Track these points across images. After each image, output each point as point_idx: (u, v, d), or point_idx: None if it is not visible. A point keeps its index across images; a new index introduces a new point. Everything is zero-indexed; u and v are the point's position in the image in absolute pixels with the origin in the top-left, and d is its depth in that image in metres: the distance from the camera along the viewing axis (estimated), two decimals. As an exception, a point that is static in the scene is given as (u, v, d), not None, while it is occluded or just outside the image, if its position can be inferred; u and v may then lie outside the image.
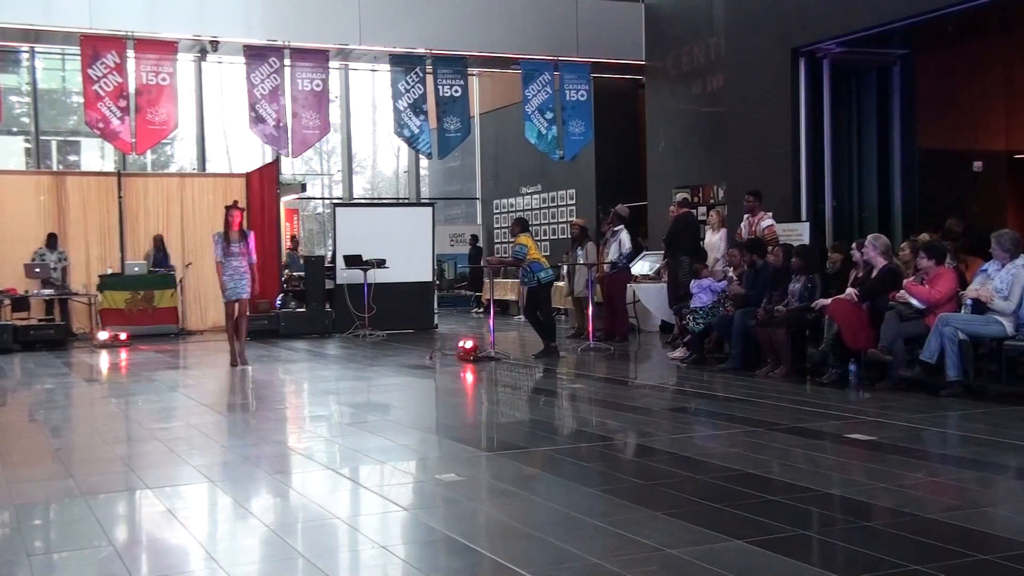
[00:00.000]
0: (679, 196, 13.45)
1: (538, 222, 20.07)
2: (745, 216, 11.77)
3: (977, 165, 14.10)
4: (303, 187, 24.28)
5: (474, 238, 21.36)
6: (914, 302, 8.06)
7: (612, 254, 13.09)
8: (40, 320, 14.83)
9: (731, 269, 10.71)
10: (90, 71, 14.55)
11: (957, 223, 10.07)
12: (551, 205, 20.28)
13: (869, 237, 8.97)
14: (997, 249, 7.76)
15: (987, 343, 7.67)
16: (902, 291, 8.16)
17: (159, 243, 16.03)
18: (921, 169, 13.07)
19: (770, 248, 10.32)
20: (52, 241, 15.24)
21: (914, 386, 7.97)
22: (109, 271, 15.53)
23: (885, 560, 3.72)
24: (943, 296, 7.99)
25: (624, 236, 13.09)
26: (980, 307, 7.79)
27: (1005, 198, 14.14)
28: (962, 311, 7.91)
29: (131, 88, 14.88)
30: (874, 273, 8.61)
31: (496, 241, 21.71)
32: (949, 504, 4.73)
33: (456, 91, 16.52)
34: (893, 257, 8.85)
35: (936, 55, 13.23)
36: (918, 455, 5.87)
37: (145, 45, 14.85)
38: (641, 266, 15.07)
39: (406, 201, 24.45)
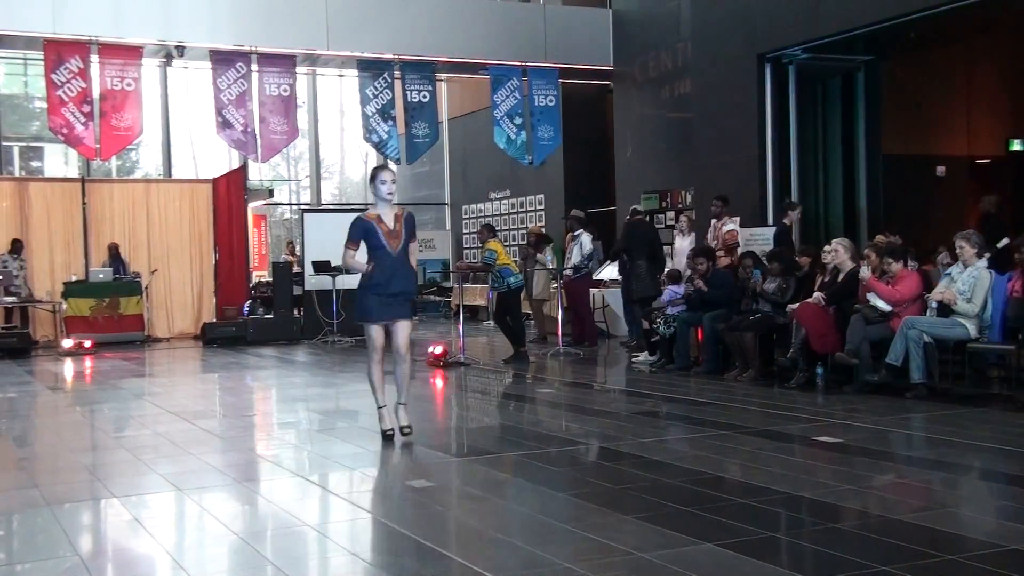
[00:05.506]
0: (632, 208, 13.28)
1: (507, 227, 20.07)
2: (712, 221, 11.86)
3: (940, 170, 14.31)
4: (271, 193, 24.07)
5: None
6: (880, 303, 8.12)
7: (574, 258, 13.09)
8: (2, 328, 14.61)
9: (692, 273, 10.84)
10: (53, 76, 14.35)
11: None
12: (520, 210, 20.29)
13: (836, 240, 9.03)
14: (964, 247, 7.83)
15: (951, 346, 7.77)
16: (866, 283, 8.21)
17: (114, 252, 15.78)
18: (885, 174, 13.24)
19: (721, 253, 10.52)
20: (16, 247, 15.01)
21: (880, 389, 8.04)
22: (73, 278, 15.33)
23: (853, 561, 3.75)
24: (904, 296, 8.06)
25: (585, 238, 13.08)
26: (945, 310, 7.88)
27: (967, 202, 14.34)
28: (927, 314, 8.00)
29: (95, 93, 14.70)
30: (840, 276, 8.69)
31: (465, 246, 21.68)
32: (916, 505, 4.78)
33: (424, 96, 16.47)
34: (860, 261, 8.93)
35: (900, 61, 13.41)
36: (885, 457, 5.93)
37: (110, 50, 14.67)
38: (610, 271, 15.07)
39: (374, 207, 24.33)
